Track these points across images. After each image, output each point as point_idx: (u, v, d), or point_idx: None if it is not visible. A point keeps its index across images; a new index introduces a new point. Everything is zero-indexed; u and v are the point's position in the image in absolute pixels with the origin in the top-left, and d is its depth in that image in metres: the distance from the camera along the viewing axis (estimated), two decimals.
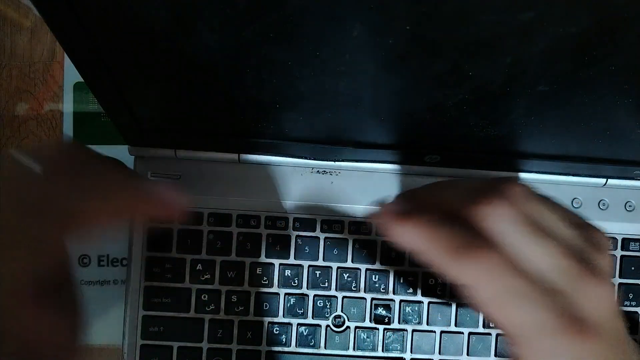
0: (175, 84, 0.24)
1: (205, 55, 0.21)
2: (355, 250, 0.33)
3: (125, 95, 0.25)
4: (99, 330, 0.37)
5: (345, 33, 0.19)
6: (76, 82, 0.37)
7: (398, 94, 0.23)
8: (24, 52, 0.37)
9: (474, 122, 0.26)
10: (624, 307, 0.34)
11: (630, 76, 0.21)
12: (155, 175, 0.32)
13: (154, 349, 0.32)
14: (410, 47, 0.19)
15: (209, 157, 0.32)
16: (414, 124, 0.27)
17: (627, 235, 0.34)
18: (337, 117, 0.26)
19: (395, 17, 0.18)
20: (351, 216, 0.33)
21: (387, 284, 0.33)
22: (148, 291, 0.32)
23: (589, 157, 0.30)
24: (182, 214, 0.23)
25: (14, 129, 0.37)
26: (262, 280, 0.33)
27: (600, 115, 0.25)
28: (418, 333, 0.33)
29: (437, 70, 0.21)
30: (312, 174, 0.33)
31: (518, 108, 0.24)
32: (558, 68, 0.21)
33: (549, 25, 0.18)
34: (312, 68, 0.21)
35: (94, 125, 0.37)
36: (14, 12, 0.37)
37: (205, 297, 0.32)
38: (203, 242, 0.32)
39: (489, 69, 0.21)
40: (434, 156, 0.31)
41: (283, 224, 0.33)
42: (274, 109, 0.26)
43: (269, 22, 0.18)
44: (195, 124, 0.29)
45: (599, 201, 0.34)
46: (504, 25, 0.18)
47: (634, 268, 0.34)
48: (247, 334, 0.32)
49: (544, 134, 0.27)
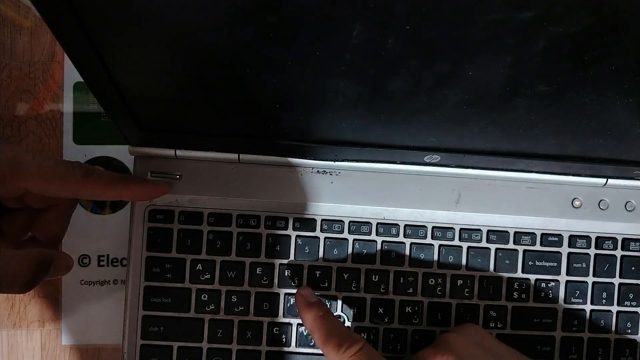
0: (175, 84, 0.24)
1: (206, 56, 0.21)
2: (355, 250, 0.33)
3: (125, 95, 0.25)
4: (99, 330, 0.37)
5: (345, 33, 0.19)
6: (76, 82, 0.37)
7: (398, 94, 0.23)
8: (24, 52, 0.37)
9: (474, 122, 0.26)
10: (624, 307, 0.34)
11: (630, 76, 0.21)
12: (155, 175, 0.32)
13: (154, 349, 0.32)
14: (410, 47, 0.19)
15: (209, 157, 0.32)
16: (414, 124, 0.27)
17: (627, 235, 0.34)
18: (336, 117, 0.26)
19: (395, 17, 0.18)
20: (351, 216, 0.33)
21: (387, 284, 0.33)
22: (148, 291, 0.32)
23: (589, 157, 0.30)
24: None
25: (14, 129, 0.37)
26: (262, 280, 0.33)
27: (600, 115, 0.25)
28: (418, 333, 0.33)
29: (437, 70, 0.21)
30: (312, 174, 0.33)
31: (518, 108, 0.24)
32: (558, 68, 0.21)
33: (549, 25, 0.18)
34: (312, 68, 0.21)
35: (94, 125, 0.37)
36: (14, 12, 0.37)
37: (205, 297, 0.32)
38: (203, 242, 0.32)
39: (489, 69, 0.21)
40: (434, 156, 0.31)
41: (283, 224, 0.33)
42: (273, 109, 0.26)
43: (269, 22, 0.18)
44: (196, 124, 0.29)
45: (599, 201, 0.34)
46: (504, 25, 0.18)
47: (634, 268, 0.34)
48: (247, 334, 0.32)
49: (544, 134, 0.27)
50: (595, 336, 0.34)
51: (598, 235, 0.34)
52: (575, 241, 0.34)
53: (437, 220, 0.33)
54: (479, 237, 0.33)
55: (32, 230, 0.31)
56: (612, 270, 0.34)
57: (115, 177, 0.29)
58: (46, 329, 0.37)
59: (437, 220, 0.33)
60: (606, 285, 0.34)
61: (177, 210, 0.32)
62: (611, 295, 0.34)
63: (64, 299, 0.37)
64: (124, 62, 0.22)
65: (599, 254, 0.34)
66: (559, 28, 0.18)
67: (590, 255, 0.34)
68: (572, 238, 0.34)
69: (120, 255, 0.37)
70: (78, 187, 0.27)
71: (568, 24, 0.18)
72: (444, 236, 0.33)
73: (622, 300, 0.34)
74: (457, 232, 0.33)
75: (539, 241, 0.34)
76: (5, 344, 0.36)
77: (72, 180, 0.27)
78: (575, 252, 0.34)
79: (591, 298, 0.34)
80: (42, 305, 0.37)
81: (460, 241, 0.33)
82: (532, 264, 0.34)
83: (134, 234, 0.32)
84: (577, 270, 0.34)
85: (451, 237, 0.33)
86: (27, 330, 0.37)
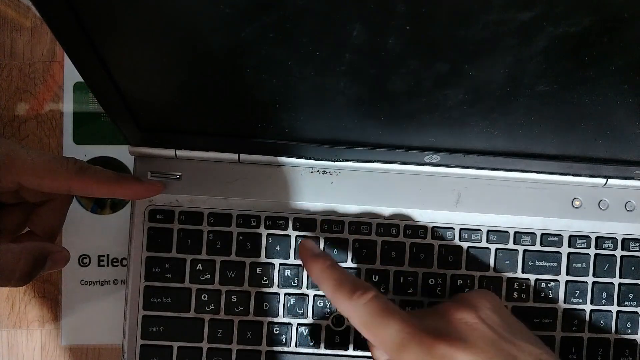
0: (175, 84, 0.24)
1: (206, 55, 0.21)
2: (355, 250, 0.33)
3: (125, 95, 0.25)
4: (99, 330, 0.37)
5: (345, 33, 0.19)
6: (76, 82, 0.37)
7: (398, 94, 0.23)
8: (24, 52, 0.37)
9: (474, 122, 0.26)
10: (624, 307, 0.34)
11: (630, 76, 0.21)
12: (155, 175, 0.32)
13: (154, 349, 0.32)
14: (410, 47, 0.19)
15: (209, 157, 0.32)
16: (414, 124, 0.27)
17: (627, 235, 0.34)
18: (336, 116, 0.26)
19: (395, 17, 0.18)
20: (351, 216, 0.33)
21: (387, 284, 0.33)
22: (148, 291, 0.32)
23: (589, 157, 0.30)
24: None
25: (14, 129, 0.37)
26: (262, 280, 0.33)
27: (600, 115, 0.25)
28: None
29: (437, 70, 0.21)
30: (312, 174, 0.33)
31: (518, 108, 0.24)
32: (558, 68, 0.21)
33: (549, 25, 0.18)
34: (312, 68, 0.21)
35: (94, 125, 0.37)
36: (14, 12, 0.37)
37: (205, 297, 0.32)
38: (203, 242, 0.32)
39: (489, 69, 0.21)
40: (434, 156, 0.31)
41: (283, 224, 0.33)
42: (273, 109, 0.26)
43: (269, 22, 0.18)
44: (196, 124, 0.29)
45: (599, 201, 0.34)
46: (504, 25, 0.18)
47: (634, 268, 0.34)
48: (247, 334, 0.32)
49: (544, 134, 0.27)
50: (595, 336, 0.34)
51: (598, 235, 0.34)
52: (575, 241, 0.34)
53: (437, 220, 0.33)
54: (479, 237, 0.33)
55: (28, 225, 0.31)
56: (612, 270, 0.34)
57: (110, 175, 0.29)
58: (46, 329, 0.37)
59: (437, 220, 0.33)
60: (606, 285, 0.34)
61: (177, 210, 0.32)
62: (611, 295, 0.34)
63: (64, 299, 0.37)
64: (124, 62, 0.22)
65: (599, 254, 0.34)
66: (559, 28, 0.18)
67: (590, 255, 0.34)
68: (572, 238, 0.34)
69: (120, 255, 0.37)
70: (71, 183, 0.28)
71: (568, 24, 0.18)
72: (444, 236, 0.33)
73: (622, 300, 0.34)
74: (457, 232, 0.33)
75: (539, 241, 0.34)
76: (5, 344, 0.36)
77: (65, 175, 0.27)
78: (575, 252, 0.34)
79: (591, 298, 0.34)
80: (42, 305, 0.37)
81: (460, 241, 0.33)
82: (532, 264, 0.34)
83: (134, 234, 0.32)
84: (577, 270, 0.34)
85: (451, 237, 0.33)
86: (27, 330, 0.37)
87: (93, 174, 0.28)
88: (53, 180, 0.27)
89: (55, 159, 0.28)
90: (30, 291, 0.37)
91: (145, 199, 0.32)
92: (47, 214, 0.30)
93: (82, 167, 0.28)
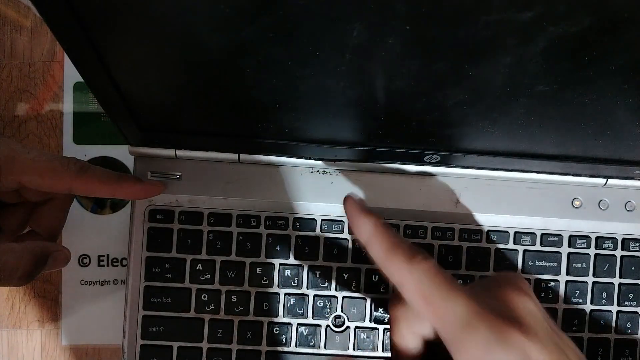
0: (175, 84, 0.24)
1: (206, 55, 0.21)
2: (355, 250, 0.33)
3: (125, 95, 0.25)
4: (99, 330, 0.37)
5: (345, 33, 0.19)
6: (76, 82, 0.37)
7: (398, 94, 0.23)
8: (24, 52, 0.37)
9: (474, 122, 0.26)
10: (624, 307, 0.34)
11: (630, 76, 0.21)
12: (155, 175, 0.32)
13: (153, 349, 0.32)
14: (410, 47, 0.19)
15: (209, 157, 0.32)
16: (414, 124, 0.27)
17: (627, 235, 0.34)
18: (337, 117, 0.26)
19: (395, 17, 0.18)
20: None
21: (387, 284, 0.33)
22: (148, 291, 0.32)
23: (589, 157, 0.30)
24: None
25: (14, 129, 0.37)
26: (262, 280, 0.33)
27: (600, 115, 0.25)
28: None
29: (437, 70, 0.21)
30: (312, 174, 0.33)
31: (518, 108, 0.24)
32: (558, 68, 0.21)
33: (549, 25, 0.18)
34: (312, 68, 0.21)
35: (94, 125, 0.37)
36: (14, 12, 0.37)
37: (205, 297, 0.32)
38: (203, 242, 0.32)
39: (489, 69, 0.21)
40: (434, 156, 0.31)
41: (283, 224, 0.33)
42: (273, 109, 0.26)
43: (269, 22, 0.18)
44: (195, 124, 0.29)
45: (599, 201, 0.34)
46: (504, 25, 0.18)
47: (634, 268, 0.34)
48: (247, 334, 0.32)
49: (544, 134, 0.27)
50: (595, 336, 0.34)
51: (598, 235, 0.34)
52: (575, 241, 0.34)
53: (437, 220, 0.33)
54: (479, 237, 0.33)
55: (30, 224, 0.31)
56: (612, 270, 0.34)
57: (110, 175, 0.29)
58: (46, 329, 0.37)
59: (437, 220, 0.33)
60: (606, 285, 0.34)
61: (177, 210, 0.32)
62: (611, 295, 0.34)
63: (64, 299, 0.37)
64: (124, 62, 0.22)
65: (599, 254, 0.34)
66: (559, 28, 0.18)
67: (590, 255, 0.34)
68: (572, 238, 0.34)
69: (120, 255, 0.37)
70: (72, 183, 0.28)
71: (568, 24, 0.18)
72: (444, 236, 0.33)
73: (622, 300, 0.34)
74: (457, 232, 0.33)
75: (539, 241, 0.34)
76: (5, 344, 0.36)
77: (66, 175, 0.27)
78: (575, 252, 0.34)
79: (591, 298, 0.34)
80: (42, 305, 0.37)
81: (460, 241, 0.33)
82: (532, 264, 0.34)
83: (134, 234, 0.32)
84: (577, 270, 0.34)
85: (451, 237, 0.33)
86: (27, 330, 0.37)
87: (94, 174, 0.28)
88: (54, 180, 0.27)
89: (56, 159, 0.28)
90: (30, 291, 0.37)
91: (146, 199, 0.32)
92: (48, 214, 0.30)
93: (82, 166, 0.28)
